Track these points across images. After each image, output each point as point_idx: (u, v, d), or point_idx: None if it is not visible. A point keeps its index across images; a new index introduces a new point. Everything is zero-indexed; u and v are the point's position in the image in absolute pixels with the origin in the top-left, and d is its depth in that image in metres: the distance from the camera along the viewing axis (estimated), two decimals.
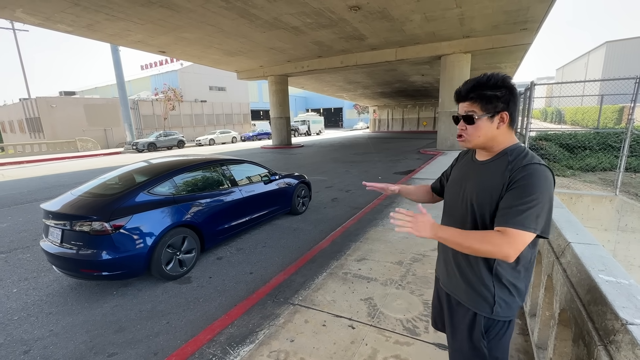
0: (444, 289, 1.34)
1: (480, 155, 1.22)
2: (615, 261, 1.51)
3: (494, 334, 1.19)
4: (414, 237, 4.14)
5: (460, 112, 1.15)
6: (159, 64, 38.92)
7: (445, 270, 1.31)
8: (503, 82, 1.06)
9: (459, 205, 1.22)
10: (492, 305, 1.15)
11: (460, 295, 1.23)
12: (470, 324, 1.20)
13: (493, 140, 1.14)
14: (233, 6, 9.53)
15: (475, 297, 1.18)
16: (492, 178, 1.11)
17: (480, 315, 1.18)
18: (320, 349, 2.14)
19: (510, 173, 1.06)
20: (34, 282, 3.51)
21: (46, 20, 10.29)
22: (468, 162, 1.30)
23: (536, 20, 11.22)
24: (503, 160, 1.11)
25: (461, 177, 1.27)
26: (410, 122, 40.41)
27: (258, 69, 20.00)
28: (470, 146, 1.18)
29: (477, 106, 1.10)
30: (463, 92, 1.12)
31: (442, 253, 1.35)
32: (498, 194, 1.07)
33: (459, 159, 1.42)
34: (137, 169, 4.03)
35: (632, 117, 5.86)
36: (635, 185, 7.42)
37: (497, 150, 1.15)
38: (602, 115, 19.19)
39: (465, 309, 1.22)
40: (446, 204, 1.34)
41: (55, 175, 11.56)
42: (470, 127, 1.13)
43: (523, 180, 1.02)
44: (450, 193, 1.32)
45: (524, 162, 1.05)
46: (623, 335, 1.02)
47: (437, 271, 1.44)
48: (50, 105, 23.40)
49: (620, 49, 33.39)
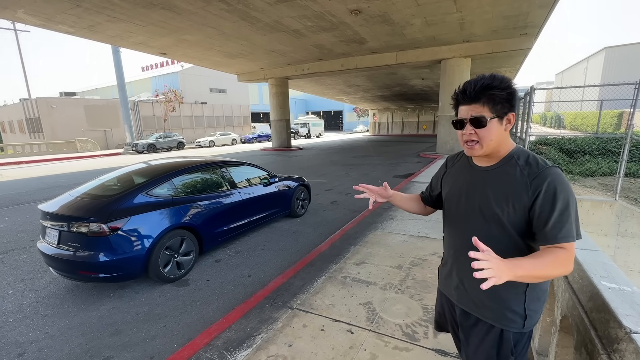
0: (458, 305, 1.23)
1: (482, 161, 1.15)
2: (617, 268, 1.50)
3: (522, 345, 1.13)
4: (414, 241, 4.14)
5: (465, 115, 1.06)
6: (160, 65, 39.05)
7: (462, 287, 1.20)
8: (508, 82, 1.02)
9: (471, 217, 1.14)
10: (524, 318, 1.10)
11: (485, 313, 1.14)
12: (498, 342, 1.12)
13: (501, 143, 1.08)
14: (234, 9, 9.56)
15: (507, 313, 1.10)
16: (507, 185, 1.05)
17: (509, 331, 1.11)
18: (319, 354, 2.12)
19: (530, 180, 1.01)
20: (30, 283, 3.48)
21: (47, 21, 10.31)
22: (466, 169, 1.21)
23: (536, 26, 11.27)
24: (512, 166, 1.07)
25: (466, 187, 1.18)
26: (410, 126, 40.47)
27: (258, 71, 20.04)
28: (481, 153, 1.08)
29: (486, 108, 1.02)
30: (471, 93, 1.03)
31: (456, 269, 1.22)
32: (520, 202, 1.02)
33: (449, 166, 1.33)
34: (136, 170, 4.01)
35: (631, 123, 5.87)
36: (634, 191, 7.41)
37: (503, 155, 1.10)
38: (601, 120, 19.24)
39: (489, 326, 1.13)
40: (451, 216, 1.24)
41: (54, 176, 11.52)
42: (481, 130, 1.04)
43: (550, 189, 0.98)
44: (455, 205, 1.22)
45: (540, 168, 1.01)
46: (627, 344, 1.00)
47: (447, 286, 1.30)
48: (51, 105, 23.41)
49: (619, 54, 33.57)
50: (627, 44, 33.48)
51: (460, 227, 1.19)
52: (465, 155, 1.25)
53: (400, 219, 5.06)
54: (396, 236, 4.31)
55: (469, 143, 1.08)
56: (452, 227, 1.25)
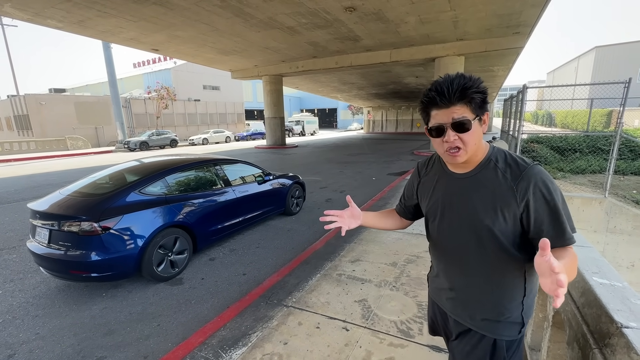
0: (451, 315, 1.18)
1: (459, 168, 1.06)
2: (608, 263, 1.52)
3: (514, 348, 1.09)
4: (408, 238, 4.16)
5: (445, 119, 0.94)
6: (152, 62, 38.48)
7: (458, 301, 1.15)
8: (482, 81, 0.96)
9: (459, 231, 1.07)
10: (521, 326, 1.07)
11: (480, 325, 1.09)
12: (491, 352, 1.08)
13: (480, 147, 1.01)
14: (228, 5, 9.45)
15: (504, 325, 1.06)
16: (492, 192, 0.99)
17: (502, 340, 1.07)
18: (314, 351, 2.12)
19: (515, 184, 0.96)
20: (20, 283, 3.41)
21: (36, 16, 10.08)
22: (442, 178, 1.12)
23: (528, 25, 11.37)
24: (491, 169, 1.01)
25: (448, 199, 1.09)
26: (404, 124, 40.63)
27: (252, 68, 19.90)
28: (464, 159, 0.99)
29: (467, 109, 0.93)
30: (453, 95, 0.92)
31: (448, 282, 1.17)
32: (510, 209, 0.96)
33: (422, 174, 1.23)
34: (129, 168, 3.96)
35: (621, 121, 5.97)
36: (623, 188, 7.56)
37: (480, 159, 1.02)
38: (591, 118, 19.54)
39: (480, 336, 1.09)
40: (436, 231, 1.15)
41: (43, 174, 11.31)
42: (465, 135, 0.94)
43: (538, 190, 0.94)
44: (438, 219, 1.13)
45: (521, 169, 0.97)
46: (618, 339, 1.02)
47: (439, 297, 1.24)
48: (40, 102, 22.93)
49: (609, 53, 34.19)
50: (617, 43, 34.13)
51: (448, 241, 1.12)
52: (437, 161, 1.17)
53: None
54: (391, 234, 4.33)
55: (451, 150, 0.97)
56: (440, 242, 1.16)
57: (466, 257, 1.08)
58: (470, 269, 1.09)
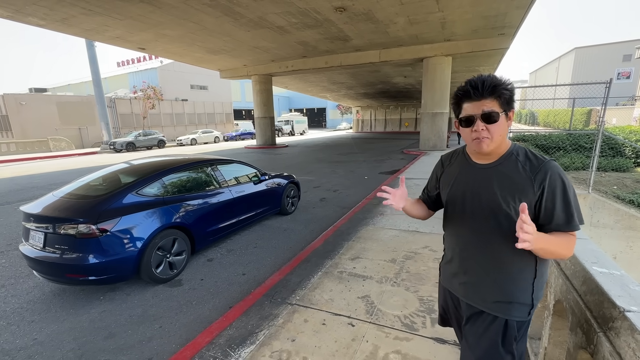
0: (464, 300, 1.27)
1: (482, 159, 1.18)
2: (605, 254, 1.61)
3: (524, 329, 1.19)
4: (405, 235, 4.23)
5: (475, 111, 1.07)
6: (137, 60, 37.65)
7: (471, 283, 1.23)
8: (511, 83, 1.10)
9: (479, 215, 1.16)
10: (530, 307, 1.16)
11: (493, 307, 1.18)
12: (503, 331, 1.16)
13: (504, 140, 1.13)
14: (217, 3, 9.36)
15: (515, 305, 1.15)
16: (512, 181, 1.10)
17: (513, 320, 1.16)
18: (322, 347, 2.15)
19: (533, 175, 1.08)
20: (12, 289, 3.32)
21: (16, 13, 9.73)
22: (465, 168, 1.23)
23: (513, 26, 11.69)
24: (512, 162, 1.12)
25: (470, 186, 1.20)
26: (392, 123, 41.06)
27: (242, 68, 19.73)
28: (491, 149, 1.11)
29: (496, 104, 1.06)
30: (485, 90, 1.05)
31: (464, 266, 1.25)
32: (526, 198, 1.07)
33: (445, 165, 1.35)
34: (122, 169, 3.90)
35: (602, 120, 6.22)
36: (604, 184, 7.86)
37: (502, 152, 1.14)
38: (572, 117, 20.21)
39: (492, 317, 1.17)
40: (456, 215, 1.25)
41: (27, 177, 10.94)
42: (493, 126, 1.07)
43: (553, 181, 1.06)
44: (460, 204, 1.23)
45: (540, 162, 1.09)
46: (622, 322, 1.09)
47: (451, 283, 1.32)
48: (20, 102, 22.13)
49: (588, 54, 35.49)
50: (595, 44, 35.46)
51: (468, 225, 1.21)
52: (462, 153, 1.28)
53: (390, 214, 5.16)
54: (388, 231, 4.40)
55: (479, 140, 1.09)
56: (459, 226, 1.26)
57: (483, 241, 1.18)
58: (486, 251, 1.18)
